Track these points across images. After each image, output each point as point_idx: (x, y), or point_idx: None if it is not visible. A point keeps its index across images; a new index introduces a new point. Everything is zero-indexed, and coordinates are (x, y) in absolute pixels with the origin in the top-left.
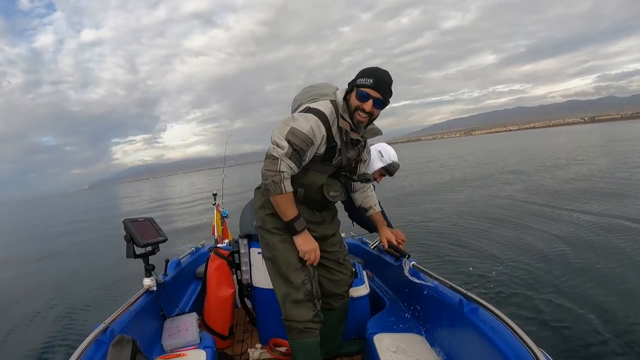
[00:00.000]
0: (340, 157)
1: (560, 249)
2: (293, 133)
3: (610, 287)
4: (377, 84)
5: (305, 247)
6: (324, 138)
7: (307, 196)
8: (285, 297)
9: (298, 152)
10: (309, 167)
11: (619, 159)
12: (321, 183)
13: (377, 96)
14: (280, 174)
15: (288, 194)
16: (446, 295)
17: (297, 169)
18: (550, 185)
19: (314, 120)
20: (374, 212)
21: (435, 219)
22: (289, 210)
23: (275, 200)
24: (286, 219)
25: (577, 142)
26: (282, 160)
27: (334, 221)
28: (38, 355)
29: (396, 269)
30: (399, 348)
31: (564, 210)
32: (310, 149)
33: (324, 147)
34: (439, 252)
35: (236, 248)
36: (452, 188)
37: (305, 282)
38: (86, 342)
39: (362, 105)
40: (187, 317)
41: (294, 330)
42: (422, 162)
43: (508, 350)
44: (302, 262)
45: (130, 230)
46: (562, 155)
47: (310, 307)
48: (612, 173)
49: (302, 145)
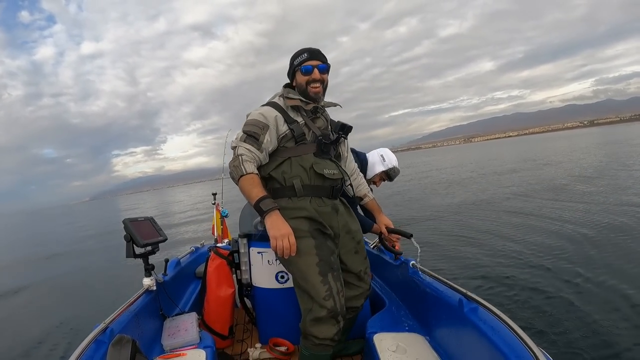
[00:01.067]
0: (311, 130)
1: (560, 248)
2: (245, 124)
3: (611, 288)
4: (312, 54)
5: (276, 232)
6: (277, 118)
7: (306, 185)
8: (307, 312)
9: (252, 136)
10: (290, 155)
11: (618, 159)
12: (310, 163)
13: (318, 62)
14: (238, 157)
15: (250, 174)
16: (446, 295)
17: (258, 153)
18: (552, 183)
19: (264, 108)
20: (369, 200)
21: (436, 219)
22: (253, 191)
23: (240, 185)
24: (252, 201)
25: (575, 145)
26: (238, 146)
27: (352, 214)
28: (38, 355)
29: (396, 269)
30: (399, 347)
31: (565, 210)
32: (268, 132)
33: (285, 126)
34: (440, 252)
35: (236, 248)
36: (453, 190)
37: (326, 298)
38: (86, 341)
39: (310, 78)
40: (187, 316)
41: (310, 342)
42: (425, 169)
43: (508, 350)
44: (323, 275)
45: (129, 230)
46: (559, 157)
47: (332, 323)
48: (612, 172)
49: (254, 129)
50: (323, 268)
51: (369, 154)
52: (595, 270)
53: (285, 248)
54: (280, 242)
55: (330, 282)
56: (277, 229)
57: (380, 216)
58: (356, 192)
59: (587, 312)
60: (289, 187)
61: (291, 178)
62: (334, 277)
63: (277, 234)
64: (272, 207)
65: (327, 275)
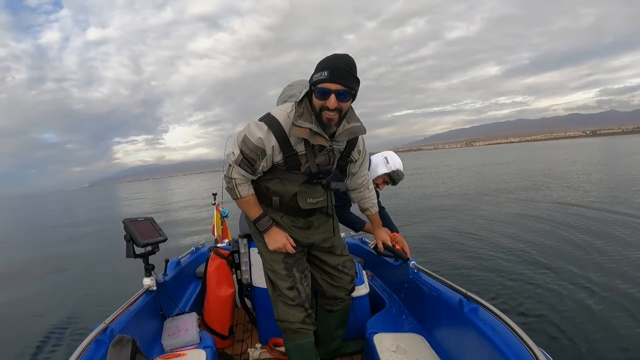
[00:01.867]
0: (308, 163)
1: (561, 250)
2: (244, 142)
3: (612, 288)
4: (333, 75)
5: (274, 245)
6: (274, 148)
7: (284, 204)
8: (275, 300)
9: (249, 161)
10: (279, 176)
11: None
12: (294, 192)
13: (338, 88)
14: (232, 180)
15: (245, 197)
16: (446, 295)
17: (250, 176)
18: (556, 187)
19: (265, 130)
20: (370, 214)
21: (437, 220)
22: (251, 211)
23: (238, 204)
24: (251, 219)
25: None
26: (233, 167)
27: (327, 225)
28: (37, 355)
29: (396, 269)
30: (399, 348)
31: (566, 213)
32: (265, 159)
33: (280, 156)
34: (439, 252)
35: (236, 248)
36: (454, 191)
37: (291, 287)
38: (86, 341)
39: (325, 104)
40: (187, 316)
41: (288, 331)
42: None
43: (508, 350)
44: (288, 269)
45: (130, 230)
46: (562, 164)
47: (300, 310)
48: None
49: (251, 155)
50: (287, 263)
51: (374, 155)
52: (597, 272)
53: (289, 247)
54: (283, 249)
55: (294, 275)
56: (275, 242)
57: (378, 232)
58: (359, 203)
59: (587, 313)
60: (268, 198)
61: (272, 193)
62: (298, 270)
63: (276, 247)
64: (269, 226)
65: (292, 269)
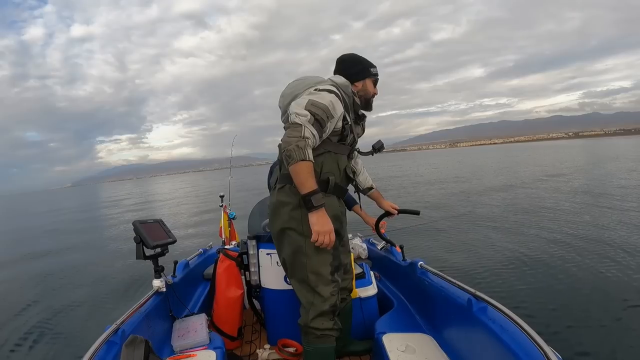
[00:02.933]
0: (353, 134)
1: (572, 248)
2: (313, 104)
3: (624, 288)
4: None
5: (320, 227)
6: (341, 115)
7: (336, 184)
8: (309, 305)
9: (319, 122)
10: (330, 149)
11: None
12: (344, 165)
13: None
14: (305, 140)
15: (310, 162)
16: (455, 295)
17: (318, 140)
18: (569, 186)
19: (332, 96)
20: (373, 190)
21: (444, 218)
22: (309, 181)
23: (296, 169)
24: (304, 191)
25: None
26: (305, 127)
27: (344, 210)
28: (48, 357)
29: (404, 269)
30: (408, 348)
31: (578, 213)
32: (330, 122)
33: (340, 123)
34: (447, 252)
35: (245, 249)
36: (459, 189)
37: (333, 293)
38: (98, 342)
39: (377, 91)
40: (197, 318)
41: (312, 335)
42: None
43: (518, 349)
44: (332, 274)
45: (139, 232)
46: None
47: (331, 317)
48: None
49: (322, 116)
50: (334, 267)
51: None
52: (610, 272)
53: (325, 244)
54: (322, 237)
55: (337, 280)
56: (321, 225)
57: (384, 202)
58: (365, 184)
59: (600, 312)
60: (322, 181)
61: (326, 173)
62: (339, 275)
63: (321, 230)
64: (322, 204)
65: (335, 274)
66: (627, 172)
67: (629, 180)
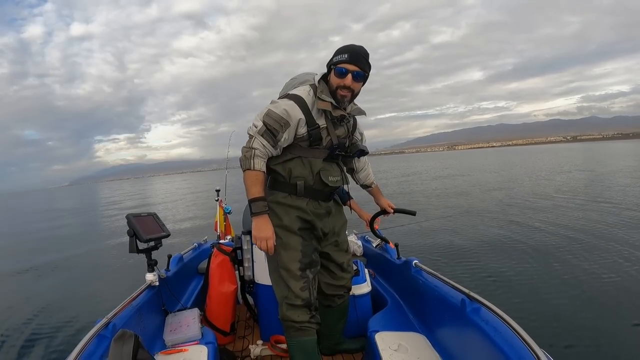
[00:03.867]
0: (330, 136)
1: (565, 251)
2: (268, 114)
3: (616, 290)
4: (352, 57)
5: (257, 233)
6: (300, 121)
7: (308, 187)
8: (282, 299)
9: (271, 132)
10: (301, 154)
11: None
12: (318, 169)
13: (355, 69)
14: (251, 150)
15: (257, 172)
16: (448, 295)
17: (272, 149)
18: (568, 186)
19: (290, 103)
20: (374, 187)
21: (439, 219)
22: (254, 188)
23: (244, 176)
24: (248, 197)
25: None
26: (255, 138)
27: (342, 214)
28: (38, 350)
29: (398, 268)
30: (401, 347)
31: (567, 213)
32: (287, 130)
33: (304, 129)
34: (442, 251)
35: (239, 244)
36: (456, 190)
37: (303, 289)
38: (88, 336)
39: (342, 82)
40: (189, 312)
41: (291, 328)
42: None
43: (510, 351)
44: (302, 270)
45: (133, 225)
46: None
47: (306, 311)
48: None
49: (274, 125)
50: (304, 264)
51: None
52: (601, 274)
53: (263, 248)
54: (259, 242)
55: (308, 276)
56: (259, 231)
57: (382, 199)
58: (365, 181)
59: (591, 314)
60: (291, 185)
61: (296, 177)
62: (312, 272)
63: (258, 236)
64: (262, 211)
65: (306, 270)
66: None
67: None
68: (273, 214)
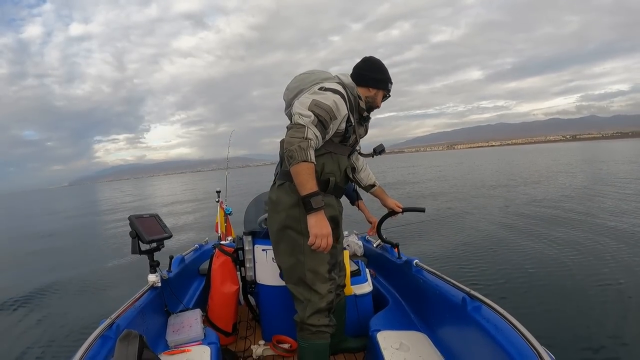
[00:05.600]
0: (355, 134)
1: (567, 249)
2: (317, 105)
3: (619, 289)
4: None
5: (318, 230)
6: (345, 116)
7: (336, 184)
8: (307, 303)
9: (322, 124)
10: (331, 150)
11: None
12: (345, 166)
13: (388, 96)
14: (307, 141)
15: (311, 164)
16: (449, 293)
17: (321, 141)
18: (558, 189)
19: (337, 96)
20: (377, 188)
21: (439, 218)
22: (310, 182)
23: (298, 169)
24: (304, 192)
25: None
26: (308, 128)
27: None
28: (43, 350)
29: (399, 267)
30: (402, 345)
31: (570, 214)
32: (333, 124)
33: (344, 125)
34: (442, 251)
35: (240, 245)
36: (456, 189)
37: (330, 291)
38: (92, 337)
39: (379, 104)
40: (191, 313)
41: (307, 331)
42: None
43: (511, 349)
44: (329, 272)
45: (135, 227)
46: None
47: (326, 314)
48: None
49: (325, 117)
50: (331, 265)
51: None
52: (603, 272)
53: (322, 247)
54: (320, 240)
55: (334, 278)
56: (320, 228)
57: (388, 200)
58: (367, 181)
59: (593, 313)
60: (322, 182)
61: (327, 174)
62: (336, 273)
63: (319, 233)
64: (321, 207)
65: (332, 272)
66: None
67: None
68: (301, 212)
